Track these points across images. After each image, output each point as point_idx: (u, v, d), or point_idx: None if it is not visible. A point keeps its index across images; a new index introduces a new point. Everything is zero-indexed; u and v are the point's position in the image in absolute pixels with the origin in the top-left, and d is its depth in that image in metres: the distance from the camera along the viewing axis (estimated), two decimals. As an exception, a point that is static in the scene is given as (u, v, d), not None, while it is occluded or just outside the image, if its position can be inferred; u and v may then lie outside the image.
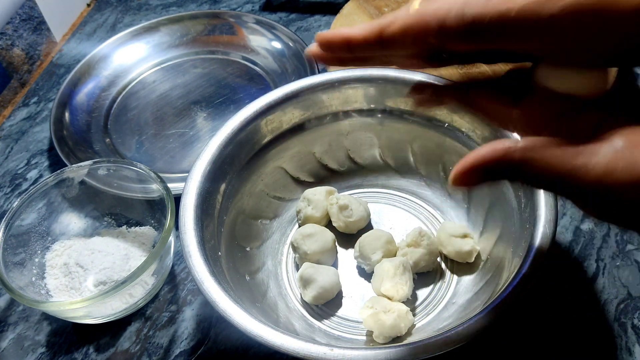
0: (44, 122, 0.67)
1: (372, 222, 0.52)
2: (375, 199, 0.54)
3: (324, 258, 0.48)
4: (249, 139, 0.50)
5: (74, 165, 0.52)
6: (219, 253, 0.45)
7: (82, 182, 0.52)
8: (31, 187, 0.50)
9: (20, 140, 0.65)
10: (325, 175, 0.54)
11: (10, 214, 0.48)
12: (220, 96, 0.67)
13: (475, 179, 0.28)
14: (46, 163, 0.63)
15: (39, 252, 0.50)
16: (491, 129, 0.47)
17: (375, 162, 0.54)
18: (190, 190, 0.45)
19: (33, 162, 0.63)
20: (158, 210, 0.50)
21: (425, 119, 0.51)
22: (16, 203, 0.48)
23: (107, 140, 0.63)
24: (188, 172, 0.46)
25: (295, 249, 0.49)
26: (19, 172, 0.62)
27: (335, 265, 0.50)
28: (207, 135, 0.62)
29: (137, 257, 0.50)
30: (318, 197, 0.51)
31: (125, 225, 0.53)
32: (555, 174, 0.26)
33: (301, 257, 0.48)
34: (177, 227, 0.43)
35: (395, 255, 0.48)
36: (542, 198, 0.41)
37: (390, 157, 0.54)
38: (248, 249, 0.49)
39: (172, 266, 0.52)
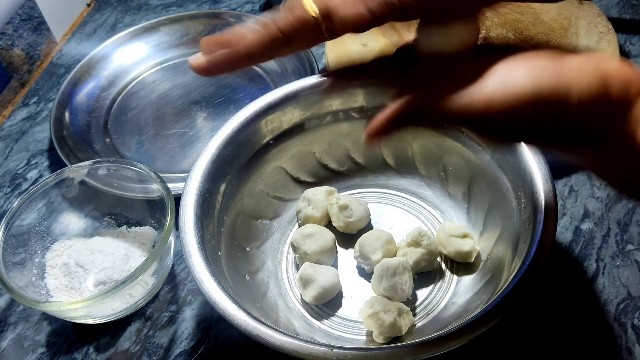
0: (44, 122, 0.67)
1: (372, 222, 0.52)
2: (375, 199, 0.54)
3: (324, 258, 0.48)
4: (249, 139, 0.50)
5: (74, 165, 0.52)
6: (219, 253, 0.45)
7: (82, 182, 0.52)
8: (31, 187, 0.50)
9: (20, 140, 0.65)
10: (325, 175, 0.54)
11: (10, 214, 0.48)
12: (220, 96, 0.67)
13: (389, 129, 0.32)
14: (46, 163, 0.63)
15: (39, 252, 0.50)
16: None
17: (375, 162, 0.54)
18: (190, 190, 0.45)
19: (33, 162, 0.63)
20: (158, 210, 0.50)
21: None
22: (16, 203, 0.48)
23: (107, 140, 0.63)
24: (188, 172, 0.46)
25: (295, 249, 0.49)
26: (19, 172, 0.62)
27: (335, 265, 0.50)
28: (207, 135, 0.62)
29: (137, 257, 0.50)
30: (318, 197, 0.51)
31: (125, 225, 0.53)
32: (450, 113, 0.30)
33: (301, 257, 0.48)
34: (177, 227, 0.43)
35: (395, 255, 0.48)
36: (542, 198, 0.41)
37: (390, 157, 0.54)
38: (248, 249, 0.49)
39: (172, 266, 0.52)
